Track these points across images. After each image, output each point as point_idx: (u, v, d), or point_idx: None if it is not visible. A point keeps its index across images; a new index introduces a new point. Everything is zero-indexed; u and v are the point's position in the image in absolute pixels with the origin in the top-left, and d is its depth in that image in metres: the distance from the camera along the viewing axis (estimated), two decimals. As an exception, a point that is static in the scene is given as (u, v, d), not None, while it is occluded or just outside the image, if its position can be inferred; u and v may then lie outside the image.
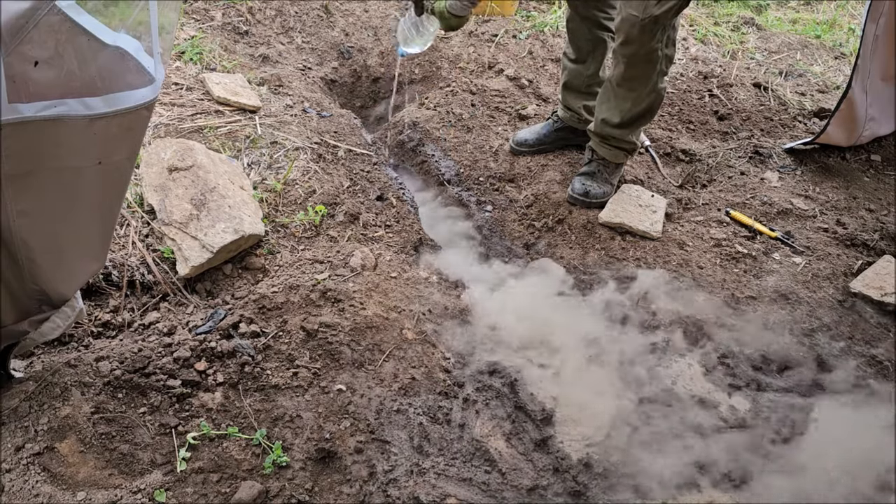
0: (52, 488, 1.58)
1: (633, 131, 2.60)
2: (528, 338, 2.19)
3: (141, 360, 1.88)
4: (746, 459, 1.87)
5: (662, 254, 2.51)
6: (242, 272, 2.28)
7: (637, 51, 2.32)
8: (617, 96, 2.50)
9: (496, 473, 1.81)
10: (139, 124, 1.47)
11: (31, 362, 1.91)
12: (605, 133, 2.61)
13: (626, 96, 2.47)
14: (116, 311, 2.13)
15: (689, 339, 2.23)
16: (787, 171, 2.99)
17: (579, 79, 2.77)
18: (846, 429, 1.94)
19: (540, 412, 1.95)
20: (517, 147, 2.96)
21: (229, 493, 1.67)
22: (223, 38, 3.28)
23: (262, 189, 2.51)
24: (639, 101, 2.47)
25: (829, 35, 4.10)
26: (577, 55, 2.73)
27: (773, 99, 3.43)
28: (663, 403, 2.01)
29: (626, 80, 2.43)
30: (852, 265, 2.53)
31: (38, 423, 1.69)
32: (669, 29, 2.32)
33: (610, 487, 1.80)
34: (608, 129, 2.58)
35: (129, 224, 2.29)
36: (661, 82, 2.44)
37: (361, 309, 2.13)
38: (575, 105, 2.83)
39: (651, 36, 2.28)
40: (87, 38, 1.29)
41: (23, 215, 1.41)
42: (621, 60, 2.39)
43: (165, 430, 1.77)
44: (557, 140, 2.95)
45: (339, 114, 3.08)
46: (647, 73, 2.39)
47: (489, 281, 2.45)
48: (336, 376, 1.96)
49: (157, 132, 2.61)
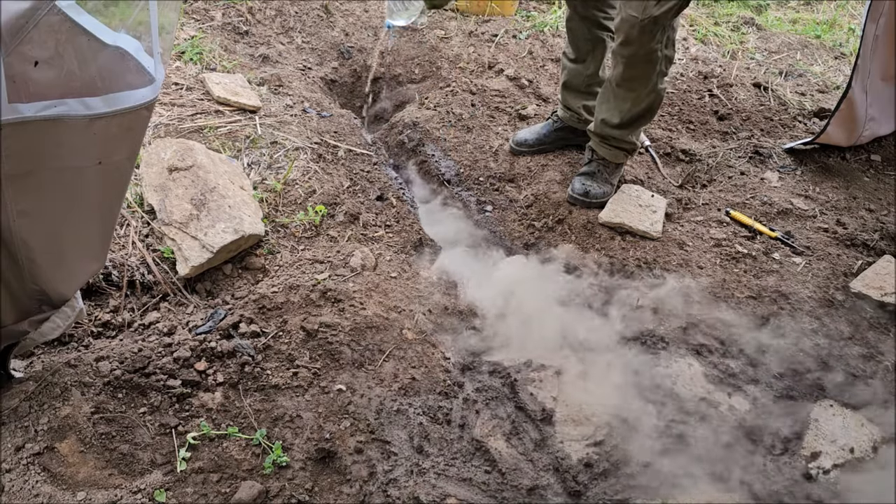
0: (52, 488, 1.58)
1: (633, 132, 2.60)
2: (528, 337, 2.19)
3: (141, 360, 1.88)
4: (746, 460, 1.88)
5: (662, 254, 2.51)
6: (242, 272, 2.28)
7: (637, 51, 2.32)
8: (616, 97, 2.50)
9: (496, 473, 1.81)
10: (139, 124, 1.47)
11: (31, 362, 1.91)
12: (604, 133, 2.61)
13: (625, 97, 2.47)
14: (116, 311, 2.13)
15: (689, 340, 2.23)
16: (787, 171, 3.00)
17: (579, 78, 2.77)
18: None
19: (540, 412, 1.95)
20: (517, 147, 2.96)
21: (229, 493, 1.67)
22: (223, 38, 3.28)
23: (262, 189, 2.51)
24: (638, 101, 2.47)
25: (829, 35, 4.10)
26: (576, 55, 2.73)
27: (773, 99, 3.43)
28: (663, 404, 2.01)
29: (625, 80, 2.43)
30: (852, 265, 2.53)
31: (38, 423, 1.69)
32: (669, 30, 2.32)
33: (610, 487, 1.81)
34: (608, 130, 2.59)
35: (129, 224, 2.29)
36: (660, 83, 2.45)
37: (361, 309, 2.13)
38: (575, 105, 2.83)
39: (651, 36, 2.28)
40: (87, 38, 1.29)
41: (23, 215, 1.41)
42: (620, 61, 2.39)
43: (165, 430, 1.77)
44: (557, 140, 2.95)
45: (339, 114, 3.08)
46: (647, 73, 2.39)
47: (489, 280, 2.44)
48: (336, 376, 1.96)
49: (157, 132, 2.61)
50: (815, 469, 1.86)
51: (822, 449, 1.90)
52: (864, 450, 1.91)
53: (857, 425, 1.97)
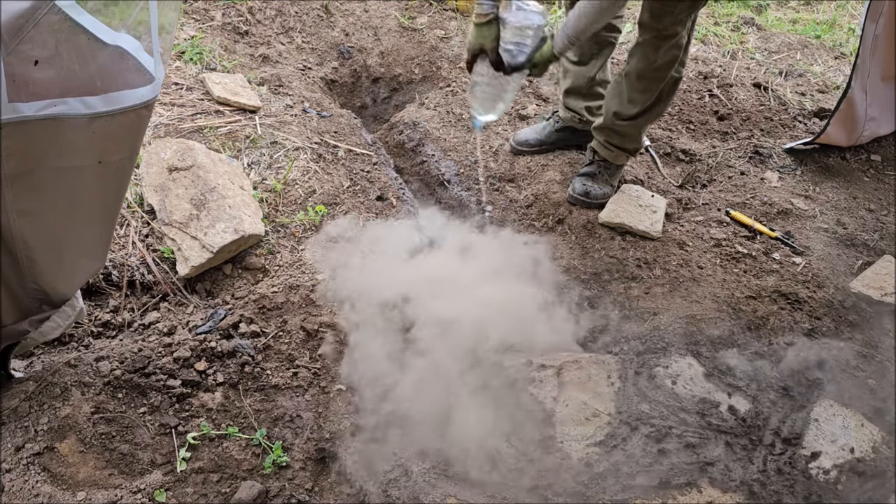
0: (52, 488, 1.58)
1: (644, 125, 2.57)
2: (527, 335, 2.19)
3: (141, 360, 1.88)
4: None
5: (662, 254, 2.51)
6: (242, 272, 2.28)
7: (664, 39, 2.26)
8: (634, 88, 2.43)
9: (496, 473, 1.81)
10: (139, 123, 1.47)
11: (31, 362, 1.90)
12: (614, 127, 2.57)
13: (647, 87, 2.40)
14: (116, 311, 2.12)
15: (689, 340, 2.23)
16: (787, 171, 3.00)
17: (581, 80, 2.75)
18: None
19: (540, 412, 1.95)
20: (518, 146, 2.96)
21: (229, 493, 1.67)
22: (223, 38, 3.28)
23: (262, 189, 2.51)
24: (657, 89, 2.42)
25: (829, 35, 4.10)
26: (579, 57, 2.71)
27: (773, 99, 3.43)
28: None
29: (652, 70, 2.35)
30: (852, 265, 2.54)
31: (38, 423, 1.69)
32: (695, 15, 2.27)
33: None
34: (619, 123, 2.54)
35: (129, 224, 2.28)
36: (677, 71, 2.40)
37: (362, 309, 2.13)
38: (577, 107, 2.82)
39: (678, 22, 2.22)
40: (87, 37, 1.29)
41: (23, 215, 1.41)
42: (650, 50, 2.31)
43: (165, 430, 1.77)
44: (558, 140, 2.95)
45: (339, 114, 3.08)
46: (673, 60, 2.33)
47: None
48: (336, 376, 1.96)
49: (157, 132, 2.61)
50: (815, 469, 1.86)
51: (822, 449, 1.90)
52: (864, 450, 1.91)
53: (857, 425, 1.97)
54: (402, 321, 2.12)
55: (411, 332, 2.08)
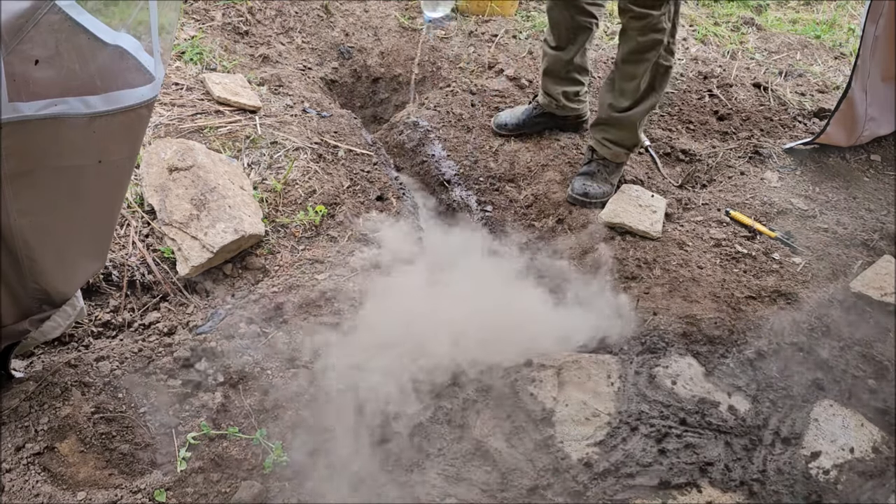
0: (53, 488, 1.58)
1: (640, 118, 2.58)
2: (524, 334, 2.19)
3: (141, 360, 1.88)
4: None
5: (662, 254, 2.51)
6: (242, 272, 2.28)
7: (645, 23, 2.32)
8: (623, 76, 2.49)
9: (496, 473, 1.81)
10: (139, 123, 1.47)
11: (32, 362, 1.91)
12: (612, 120, 2.60)
13: (632, 72, 2.46)
14: (116, 311, 2.13)
15: (689, 340, 2.23)
16: (787, 171, 3.00)
17: (558, 65, 2.81)
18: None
19: (540, 412, 1.95)
20: (497, 129, 3.07)
21: (229, 493, 1.67)
22: (223, 38, 3.28)
23: (262, 189, 2.51)
24: (643, 75, 2.45)
25: (829, 35, 4.10)
26: (557, 42, 2.77)
27: (773, 99, 3.43)
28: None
29: (632, 53, 2.42)
30: (852, 265, 2.54)
31: (38, 423, 1.69)
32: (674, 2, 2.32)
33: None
34: (616, 115, 2.58)
35: (129, 224, 2.28)
36: (664, 59, 2.43)
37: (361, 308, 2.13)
38: (554, 91, 2.88)
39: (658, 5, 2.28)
40: (87, 37, 1.29)
41: (23, 214, 1.41)
42: (631, 35, 2.38)
43: (165, 430, 1.77)
44: (536, 125, 3.03)
45: (339, 114, 3.08)
46: (654, 44, 2.37)
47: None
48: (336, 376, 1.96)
49: (157, 132, 2.61)
50: (815, 469, 1.86)
51: (821, 449, 1.90)
52: (863, 450, 1.91)
53: (857, 425, 1.97)
54: (402, 322, 2.12)
55: (411, 334, 2.09)
